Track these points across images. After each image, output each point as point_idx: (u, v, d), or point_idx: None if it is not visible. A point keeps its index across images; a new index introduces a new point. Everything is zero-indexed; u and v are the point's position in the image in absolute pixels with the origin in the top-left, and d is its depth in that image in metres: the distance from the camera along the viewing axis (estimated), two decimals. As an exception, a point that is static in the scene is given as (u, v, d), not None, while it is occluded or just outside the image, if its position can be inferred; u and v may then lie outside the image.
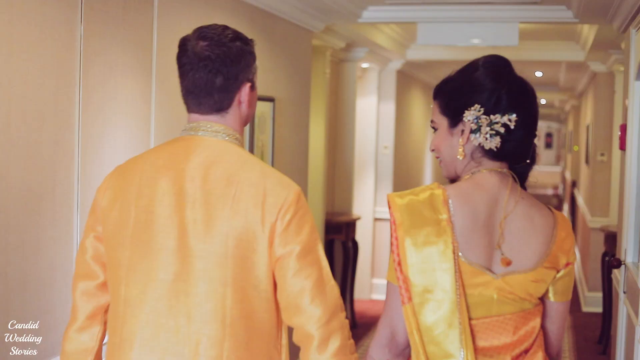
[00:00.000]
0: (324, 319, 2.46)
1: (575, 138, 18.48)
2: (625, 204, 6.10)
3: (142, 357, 2.48)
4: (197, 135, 2.60)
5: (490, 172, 2.44)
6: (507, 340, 2.35)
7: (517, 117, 2.40)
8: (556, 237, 2.42)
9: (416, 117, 13.54)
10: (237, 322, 2.47)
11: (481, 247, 2.36)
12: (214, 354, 2.45)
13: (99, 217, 2.60)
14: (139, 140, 4.39)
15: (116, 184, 2.60)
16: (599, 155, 11.03)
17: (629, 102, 6.17)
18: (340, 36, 8.59)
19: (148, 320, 2.49)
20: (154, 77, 4.51)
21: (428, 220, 2.35)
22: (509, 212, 2.38)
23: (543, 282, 2.41)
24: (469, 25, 7.79)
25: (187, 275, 2.47)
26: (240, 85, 2.62)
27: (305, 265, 2.47)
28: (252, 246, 2.45)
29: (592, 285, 10.91)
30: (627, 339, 5.83)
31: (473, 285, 2.34)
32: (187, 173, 2.51)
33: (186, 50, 2.64)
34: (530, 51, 10.99)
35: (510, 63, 2.54)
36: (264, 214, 2.45)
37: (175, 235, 2.48)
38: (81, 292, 2.65)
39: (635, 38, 5.99)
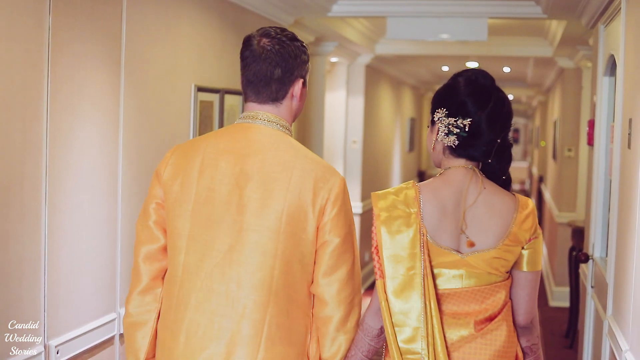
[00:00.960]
0: (349, 298, 2.88)
1: (542, 134, 18.56)
2: (593, 199, 6.12)
3: (194, 317, 2.82)
4: (254, 123, 2.92)
5: (458, 168, 2.88)
6: (476, 307, 2.81)
7: (472, 121, 2.84)
8: (516, 219, 2.82)
9: (385, 111, 13.54)
10: (280, 291, 2.81)
11: (448, 233, 2.82)
12: (258, 317, 2.80)
13: (159, 187, 2.93)
14: (108, 132, 4.35)
15: (177, 161, 2.92)
16: (566, 150, 11.08)
17: (597, 98, 6.19)
18: (309, 30, 8.56)
19: (202, 285, 2.82)
20: (123, 68, 4.47)
21: (401, 214, 2.83)
22: (471, 203, 2.82)
23: (505, 258, 2.82)
24: (438, 20, 7.79)
25: (242, 246, 2.80)
26: (294, 80, 2.94)
27: (345, 251, 2.88)
28: (302, 225, 2.82)
29: (559, 280, 10.96)
30: (595, 333, 5.86)
31: (444, 263, 2.81)
32: (246, 157, 2.84)
33: (250, 45, 2.95)
34: (498, 47, 11.02)
35: (491, 80, 2.99)
36: (315, 197, 2.82)
37: (233, 211, 2.81)
38: (144, 256, 2.96)
39: (603, 34, 6.01)
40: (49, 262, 3.84)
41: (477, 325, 2.81)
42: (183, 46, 5.28)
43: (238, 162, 2.85)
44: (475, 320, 2.81)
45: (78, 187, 4.08)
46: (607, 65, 5.85)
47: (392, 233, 2.84)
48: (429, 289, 2.79)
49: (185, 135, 5.32)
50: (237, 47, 5.70)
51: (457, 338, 2.81)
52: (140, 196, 4.70)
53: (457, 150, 2.89)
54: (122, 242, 4.53)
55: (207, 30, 5.66)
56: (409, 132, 16.71)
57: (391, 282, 2.82)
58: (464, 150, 2.89)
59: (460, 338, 2.81)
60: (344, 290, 2.88)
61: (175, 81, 5.17)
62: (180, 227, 2.87)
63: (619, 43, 5.11)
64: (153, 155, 4.88)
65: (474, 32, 7.77)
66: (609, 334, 4.86)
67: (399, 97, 15.24)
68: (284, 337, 2.84)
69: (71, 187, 4.01)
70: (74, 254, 4.07)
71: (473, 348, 2.81)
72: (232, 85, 6.03)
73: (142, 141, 4.74)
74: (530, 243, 2.86)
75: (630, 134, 4.53)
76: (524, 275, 2.88)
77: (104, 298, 4.39)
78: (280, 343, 2.84)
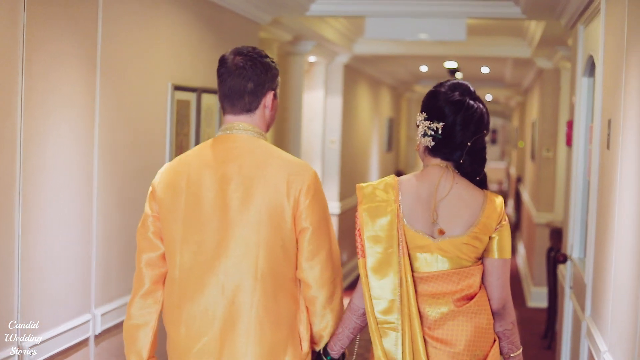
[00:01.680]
0: (331, 278, 3.25)
1: (520, 134, 18.60)
2: (572, 199, 6.12)
3: (191, 309, 3.19)
4: (232, 133, 3.29)
5: (434, 166, 3.26)
6: (452, 288, 3.14)
7: (445, 125, 3.20)
8: (484, 210, 3.18)
9: (363, 111, 13.53)
10: (266, 277, 3.17)
11: (423, 220, 3.19)
12: (246, 302, 3.16)
13: (155, 202, 3.30)
14: (83, 131, 4.30)
15: (168, 177, 3.29)
16: (544, 151, 11.10)
17: (575, 98, 6.19)
18: (287, 29, 8.53)
19: (196, 280, 3.19)
20: (99, 67, 4.42)
21: (381, 201, 3.22)
22: (442, 196, 3.19)
23: (474, 245, 3.15)
24: (417, 20, 7.78)
25: (228, 241, 3.17)
26: (266, 92, 3.32)
27: (321, 235, 3.23)
28: (280, 215, 3.18)
29: (537, 280, 10.97)
30: (573, 333, 5.86)
31: (419, 246, 3.17)
32: (226, 163, 3.22)
33: (225, 62, 3.29)
34: (477, 47, 11.03)
35: (470, 90, 3.29)
36: (289, 190, 3.18)
37: (219, 211, 3.18)
38: (146, 263, 3.31)
39: (582, 34, 6.01)
40: (22, 262, 3.79)
41: (456, 302, 3.14)
42: (160, 45, 5.23)
43: (219, 169, 3.22)
44: (453, 299, 3.14)
45: (52, 186, 4.03)
46: (586, 66, 5.84)
47: (372, 217, 3.22)
48: (406, 267, 3.15)
49: (161, 134, 5.27)
50: (215, 45, 5.63)
51: (438, 315, 3.14)
52: (116, 195, 4.66)
53: (433, 150, 3.26)
54: (98, 243, 4.48)
55: (184, 28, 5.62)
56: (387, 132, 16.70)
57: (371, 259, 3.19)
58: (439, 151, 3.25)
59: (441, 315, 3.13)
60: (325, 272, 3.24)
61: (151, 80, 5.12)
62: (174, 232, 3.23)
63: (598, 44, 5.10)
64: (129, 155, 4.83)
65: (452, 32, 7.76)
66: (588, 334, 4.85)
67: (377, 97, 15.23)
68: (272, 319, 3.19)
69: (45, 186, 3.96)
70: (47, 254, 4.02)
71: (455, 324, 3.13)
72: (209, 84, 5.98)
73: (118, 140, 4.69)
74: (497, 231, 3.20)
75: (610, 135, 4.52)
76: (495, 262, 3.21)
77: (79, 299, 4.34)
78: (270, 325, 3.18)
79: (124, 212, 4.80)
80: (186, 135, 5.63)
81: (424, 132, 3.24)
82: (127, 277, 4.86)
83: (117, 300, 4.73)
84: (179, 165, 3.32)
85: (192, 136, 5.73)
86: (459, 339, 3.12)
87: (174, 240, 3.24)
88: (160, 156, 5.26)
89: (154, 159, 5.18)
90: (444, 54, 11.70)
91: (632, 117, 3.86)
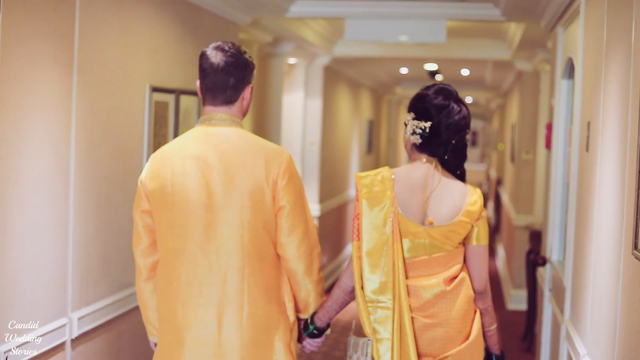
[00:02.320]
0: (308, 252, 3.60)
1: (500, 136, 18.63)
2: (551, 202, 6.12)
3: (187, 290, 3.49)
4: (210, 123, 3.58)
5: (423, 162, 3.63)
6: (440, 270, 3.54)
7: (432, 125, 3.58)
8: (468, 201, 3.57)
9: (343, 113, 13.51)
10: (252, 254, 3.49)
11: (415, 210, 3.55)
12: (237, 279, 3.47)
13: (144, 197, 3.58)
14: (59, 133, 4.26)
15: (154, 168, 3.56)
16: (524, 153, 11.11)
17: (555, 101, 6.19)
18: (267, 30, 8.50)
19: (189, 263, 3.48)
20: (75, 68, 4.38)
21: (378, 190, 3.57)
22: (432, 189, 3.57)
23: (458, 232, 3.54)
24: (397, 22, 7.77)
25: (215, 224, 3.47)
26: (245, 86, 3.62)
27: (297, 213, 3.56)
28: (261, 197, 3.48)
29: (517, 283, 10.97)
30: (553, 336, 5.85)
31: (412, 233, 3.52)
32: (207, 151, 3.50)
33: (207, 58, 3.58)
34: (457, 49, 11.03)
35: (454, 93, 3.67)
36: (268, 173, 3.49)
37: (204, 197, 3.47)
38: (140, 253, 3.65)
39: (562, 37, 6.01)
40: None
41: (445, 283, 3.52)
42: (137, 46, 5.20)
43: (201, 157, 3.50)
44: (443, 279, 3.51)
45: (27, 189, 3.98)
46: (565, 68, 5.84)
47: (370, 205, 3.55)
48: (397, 252, 3.50)
49: (139, 136, 5.23)
50: (194, 46, 5.60)
51: (431, 296, 3.50)
52: (93, 198, 4.62)
53: (421, 147, 3.63)
54: (74, 245, 4.44)
55: (162, 29, 5.58)
56: (368, 134, 16.69)
57: (367, 244, 3.53)
58: (425, 148, 3.62)
59: (434, 295, 3.50)
60: (301, 247, 3.58)
61: (129, 81, 5.08)
62: (164, 220, 3.53)
63: (577, 46, 5.10)
64: (107, 157, 4.79)
65: (432, 34, 7.75)
66: (567, 338, 4.84)
67: (357, 99, 15.21)
68: (262, 292, 3.52)
69: (20, 188, 3.92)
70: (22, 258, 3.98)
71: (445, 302, 3.51)
72: (188, 86, 5.94)
73: (95, 142, 4.65)
74: (478, 222, 3.59)
75: (589, 137, 4.51)
76: (475, 248, 3.62)
77: (55, 303, 4.30)
78: (260, 297, 3.51)
79: (102, 214, 4.76)
80: (164, 136, 5.59)
81: (412, 131, 3.63)
82: (105, 280, 4.82)
83: (95, 303, 4.69)
84: (163, 155, 3.59)
85: (171, 138, 5.69)
86: (449, 316, 3.51)
87: (165, 227, 3.53)
88: (138, 158, 5.22)
89: (131, 161, 5.14)
90: (424, 56, 11.69)
91: (612, 119, 3.85)
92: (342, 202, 13.34)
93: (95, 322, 4.66)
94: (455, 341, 3.52)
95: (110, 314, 4.85)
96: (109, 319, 4.85)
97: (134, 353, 5.26)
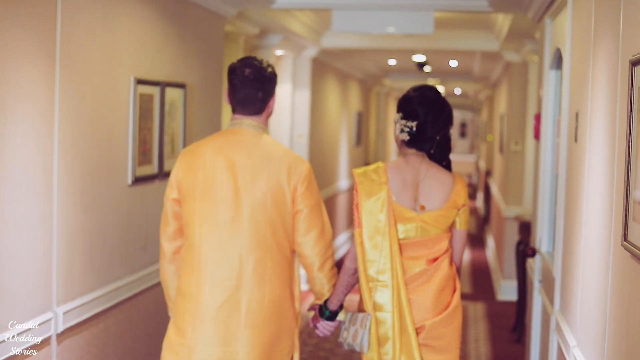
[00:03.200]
0: (322, 251, 4.07)
1: (489, 127, 18.63)
2: (540, 193, 6.10)
3: (215, 273, 3.92)
4: (241, 128, 4.04)
5: (413, 155, 4.08)
6: (426, 252, 4.03)
7: (419, 123, 4.04)
8: (454, 189, 4.08)
9: (331, 105, 13.48)
10: (273, 248, 3.96)
11: (408, 198, 4.04)
12: (260, 269, 3.93)
13: (175, 186, 4.01)
14: (42, 127, 4.22)
15: (186, 159, 4.02)
16: (512, 144, 11.10)
17: (543, 91, 6.16)
18: (253, 22, 8.46)
19: (216, 248, 3.93)
20: (58, 61, 4.33)
21: (374, 182, 4.04)
22: (422, 179, 4.05)
23: (447, 216, 4.04)
24: (385, 13, 7.73)
25: (240, 218, 3.92)
26: (271, 97, 4.13)
27: (314, 217, 4.04)
28: (281, 199, 3.96)
29: (507, 274, 10.97)
30: (543, 327, 5.84)
31: (406, 218, 4.02)
32: (236, 153, 3.96)
33: (237, 74, 4.03)
34: (445, 40, 11.00)
35: (438, 93, 4.14)
36: (289, 179, 3.98)
37: (231, 192, 3.93)
38: (166, 237, 4.07)
39: (550, 27, 5.99)
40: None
41: (428, 262, 4.02)
42: (122, 38, 5.15)
43: (230, 157, 3.95)
44: (426, 259, 4.02)
45: (10, 183, 3.95)
46: (553, 59, 5.82)
47: (368, 195, 4.03)
48: (393, 236, 3.98)
49: (124, 129, 5.18)
50: (179, 39, 5.58)
51: (413, 273, 4.00)
52: (78, 192, 4.58)
53: (409, 143, 4.08)
54: (59, 240, 4.40)
55: (147, 21, 5.53)
56: (356, 126, 16.67)
57: (366, 229, 4.01)
58: (413, 143, 4.07)
59: (415, 273, 4.00)
60: (316, 246, 4.04)
61: (113, 73, 5.03)
62: (193, 208, 3.95)
63: (565, 36, 5.08)
64: (91, 150, 4.75)
65: (420, 25, 7.71)
66: (557, 329, 4.83)
67: (345, 90, 15.18)
68: (279, 281, 3.99)
69: (3, 182, 3.89)
70: (6, 252, 3.95)
71: (426, 279, 4.00)
72: (173, 78, 5.90)
73: (79, 136, 4.61)
74: (462, 209, 4.11)
75: (577, 128, 4.49)
76: (459, 232, 4.15)
77: (40, 297, 4.26)
78: (278, 286, 3.98)
79: (87, 208, 4.72)
80: (150, 129, 5.55)
81: (401, 129, 4.07)
82: (90, 274, 4.79)
83: (80, 298, 4.65)
84: (195, 150, 4.04)
85: (156, 130, 5.65)
86: (429, 290, 4.00)
87: (194, 214, 3.95)
88: (123, 151, 5.18)
89: (116, 154, 5.10)
90: (413, 48, 11.66)
91: (600, 109, 3.83)
92: (332, 194, 13.32)
93: (81, 317, 4.63)
94: (432, 313, 4.00)
95: (96, 308, 4.82)
96: (95, 313, 4.82)
97: (120, 347, 5.23)
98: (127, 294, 5.26)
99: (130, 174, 5.28)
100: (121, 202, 5.20)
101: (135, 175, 5.33)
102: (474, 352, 8.34)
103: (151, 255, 5.67)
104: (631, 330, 3.01)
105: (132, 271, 5.39)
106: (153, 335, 5.70)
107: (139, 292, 5.48)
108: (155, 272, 5.65)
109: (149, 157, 5.56)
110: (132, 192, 5.34)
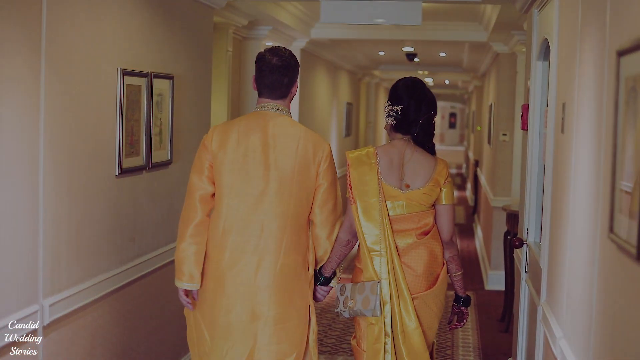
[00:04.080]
0: (332, 222, 4.56)
1: (478, 118, 18.64)
2: (527, 184, 6.11)
3: (236, 239, 4.39)
4: (268, 110, 4.54)
5: (399, 139, 4.62)
6: (414, 226, 4.53)
7: (403, 108, 4.57)
8: (436, 170, 4.57)
9: (321, 96, 13.47)
10: (294, 218, 4.44)
11: (394, 178, 4.54)
12: (279, 236, 4.40)
13: (210, 153, 4.44)
14: (28, 118, 4.20)
15: (219, 136, 4.47)
16: (501, 135, 11.11)
17: (530, 82, 6.16)
18: (242, 13, 8.44)
19: (242, 218, 4.39)
20: (44, 51, 4.31)
21: (365, 163, 4.56)
22: (407, 160, 4.56)
23: (429, 195, 4.54)
24: (373, 4, 7.72)
25: (269, 190, 4.40)
26: (294, 83, 4.62)
27: (331, 191, 4.53)
28: (307, 174, 4.46)
29: (495, 264, 10.99)
30: (530, 318, 5.85)
31: (393, 196, 4.52)
32: (266, 132, 4.45)
33: (266, 61, 4.53)
34: (433, 31, 11.00)
35: (422, 82, 4.69)
36: (314, 156, 4.48)
37: (261, 167, 4.40)
38: (199, 199, 4.46)
39: (537, 18, 5.98)
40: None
41: (417, 236, 4.51)
42: (108, 28, 5.13)
43: (261, 136, 4.44)
44: (416, 233, 4.51)
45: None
46: (540, 50, 5.82)
47: (359, 175, 4.54)
48: (384, 211, 4.50)
49: (111, 120, 5.16)
50: (167, 30, 5.54)
51: (405, 245, 4.51)
52: (64, 183, 4.56)
53: (396, 127, 4.62)
54: (45, 231, 4.39)
55: (134, 12, 5.51)
56: (346, 117, 16.66)
57: (361, 206, 4.51)
58: (400, 127, 4.61)
59: (407, 245, 4.51)
60: (329, 217, 4.55)
61: (100, 64, 5.01)
62: (225, 180, 4.42)
63: (552, 27, 5.08)
64: (77, 142, 4.73)
65: (408, 16, 7.70)
66: (543, 320, 4.83)
67: (335, 81, 15.17)
68: (295, 248, 4.45)
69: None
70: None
71: (417, 252, 4.50)
72: (161, 69, 5.88)
73: (66, 127, 4.59)
74: (445, 185, 4.59)
75: (564, 119, 4.49)
76: (444, 207, 4.62)
77: (25, 289, 4.25)
78: (293, 252, 4.44)
79: (73, 200, 4.70)
80: (137, 121, 5.52)
81: (388, 114, 4.61)
82: (77, 266, 4.77)
83: (67, 290, 4.64)
84: (228, 128, 4.50)
85: (144, 122, 5.63)
86: (419, 263, 4.50)
87: (225, 186, 4.41)
88: (110, 143, 5.16)
89: (103, 146, 5.08)
90: (402, 38, 11.66)
91: (586, 100, 3.83)
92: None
93: (68, 309, 4.61)
94: (422, 285, 4.52)
95: (82, 300, 4.80)
96: (82, 305, 4.80)
97: (107, 339, 5.22)
98: (115, 285, 5.25)
99: (118, 165, 5.25)
100: (108, 193, 5.18)
101: (123, 167, 5.31)
102: (461, 342, 8.36)
103: (140, 247, 5.66)
104: (617, 322, 3.01)
105: (120, 263, 5.38)
106: (141, 327, 5.69)
107: (127, 284, 5.46)
108: (143, 264, 5.64)
109: (136, 149, 5.54)
110: (119, 183, 5.33)
